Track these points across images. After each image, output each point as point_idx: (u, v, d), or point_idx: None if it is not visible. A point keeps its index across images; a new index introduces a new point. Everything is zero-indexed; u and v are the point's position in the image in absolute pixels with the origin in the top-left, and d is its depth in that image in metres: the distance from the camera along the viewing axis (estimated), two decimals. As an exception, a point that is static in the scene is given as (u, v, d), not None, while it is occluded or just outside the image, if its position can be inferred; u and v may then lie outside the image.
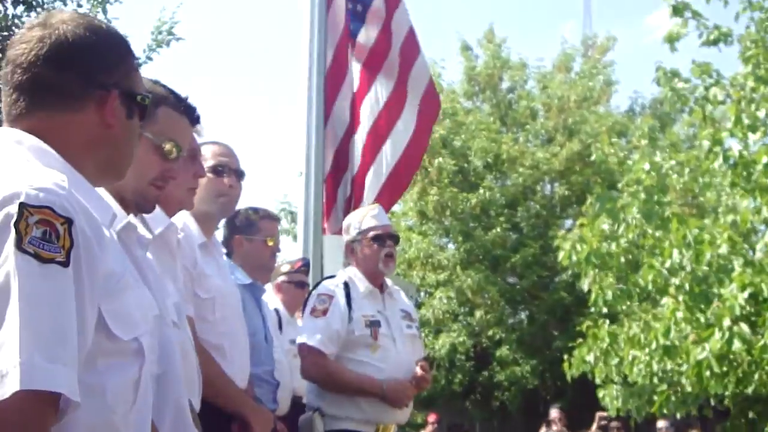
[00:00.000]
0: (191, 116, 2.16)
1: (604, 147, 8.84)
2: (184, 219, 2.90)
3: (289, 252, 17.74)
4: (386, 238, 4.22)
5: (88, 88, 1.46)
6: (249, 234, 3.91)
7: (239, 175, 3.26)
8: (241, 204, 3.60)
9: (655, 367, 7.46)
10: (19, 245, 1.22)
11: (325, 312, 3.97)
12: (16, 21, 9.37)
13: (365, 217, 4.28)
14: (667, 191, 9.20)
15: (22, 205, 1.23)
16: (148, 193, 1.99)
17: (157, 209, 2.29)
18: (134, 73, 1.56)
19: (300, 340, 3.98)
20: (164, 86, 2.17)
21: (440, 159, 16.10)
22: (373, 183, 7.46)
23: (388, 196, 7.64)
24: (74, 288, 1.27)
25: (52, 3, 9.50)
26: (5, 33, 9.08)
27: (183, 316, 2.22)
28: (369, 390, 3.90)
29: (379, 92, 7.70)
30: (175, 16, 10.20)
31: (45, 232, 1.25)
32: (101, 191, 1.90)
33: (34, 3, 9.41)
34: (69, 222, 1.27)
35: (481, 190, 16.25)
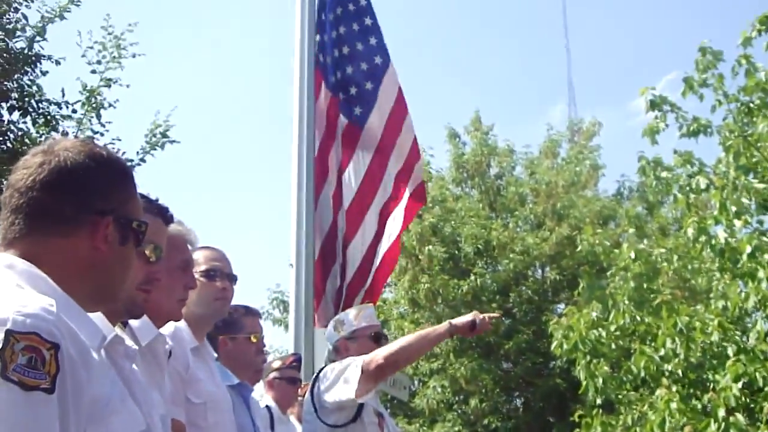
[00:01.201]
0: (164, 216, 2.21)
1: (588, 237, 8.95)
2: (176, 323, 2.92)
3: (282, 342, 17.56)
4: (381, 337, 4.33)
5: (82, 213, 1.49)
6: (232, 332, 3.90)
7: (231, 278, 3.31)
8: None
9: (651, 460, 7.37)
10: (3, 373, 1.23)
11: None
12: (11, 126, 9.54)
13: (359, 315, 4.36)
14: (657, 276, 9.26)
15: (8, 333, 1.25)
16: (135, 298, 2.01)
17: (146, 319, 2.31)
18: (132, 200, 1.59)
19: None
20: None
21: (431, 246, 16.16)
22: (360, 273, 7.51)
23: (377, 286, 7.69)
24: (59, 414, 1.28)
25: (47, 108, 9.70)
26: (1, 138, 9.23)
27: (168, 428, 2.21)
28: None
29: (353, 177, 7.81)
30: (169, 119, 10.42)
31: (31, 359, 1.26)
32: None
33: (30, 109, 9.60)
34: (56, 347, 1.29)
35: (473, 277, 16.26)
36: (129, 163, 10.15)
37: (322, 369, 4.30)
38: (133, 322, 2.29)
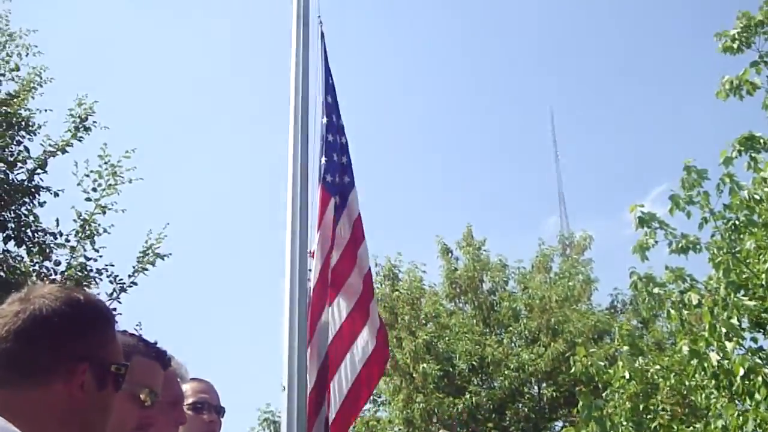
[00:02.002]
0: (162, 361, 2.18)
1: (581, 358, 8.87)
2: None
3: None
4: None
5: (57, 361, 1.45)
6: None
7: (219, 411, 3.27)
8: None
9: None
10: None
11: None
12: (6, 255, 9.59)
13: None
14: (655, 394, 9.12)
15: None
16: None
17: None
18: (110, 343, 1.55)
19: None
20: (133, 335, 2.21)
21: (425, 365, 15.96)
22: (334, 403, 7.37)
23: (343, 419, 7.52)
24: None
25: (42, 237, 9.78)
26: None
27: None
28: None
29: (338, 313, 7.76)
30: (161, 236, 10.49)
31: None
32: None
33: (25, 238, 9.68)
34: None
35: (468, 395, 15.97)
36: (120, 285, 10.24)
37: None
38: None
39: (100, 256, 10.33)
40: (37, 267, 9.69)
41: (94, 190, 10.47)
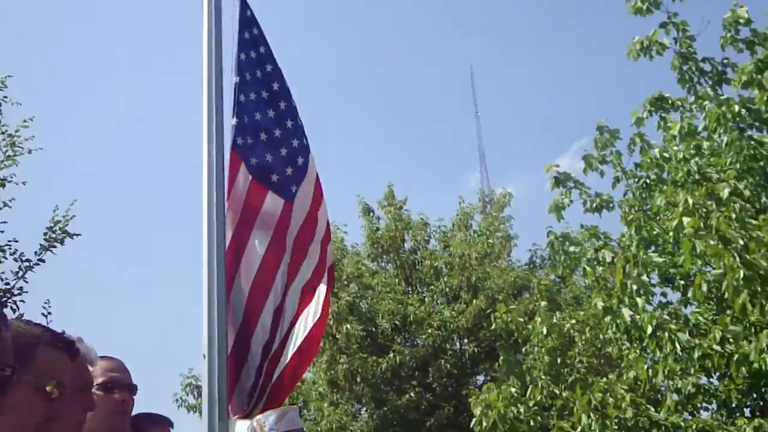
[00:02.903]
0: (70, 351, 2.08)
1: (501, 314, 9.05)
2: None
3: (196, 430, 16.96)
4: None
5: None
6: (140, 444, 3.74)
7: (131, 389, 3.18)
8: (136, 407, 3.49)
9: None
10: None
11: None
12: None
13: (281, 419, 4.28)
14: (572, 347, 9.40)
15: None
16: None
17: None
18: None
19: None
20: (39, 325, 2.12)
21: (348, 325, 16.04)
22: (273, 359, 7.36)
23: (292, 374, 7.53)
24: None
25: None
26: None
27: None
28: None
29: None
30: (69, 213, 10.14)
31: None
32: None
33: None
34: None
35: (391, 354, 16.16)
36: (26, 263, 9.88)
37: None
38: None
39: (2, 232, 9.96)
40: None
41: (-9, 163, 10.06)
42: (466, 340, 17.60)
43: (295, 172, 7.62)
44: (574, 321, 9.28)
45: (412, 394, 15.81)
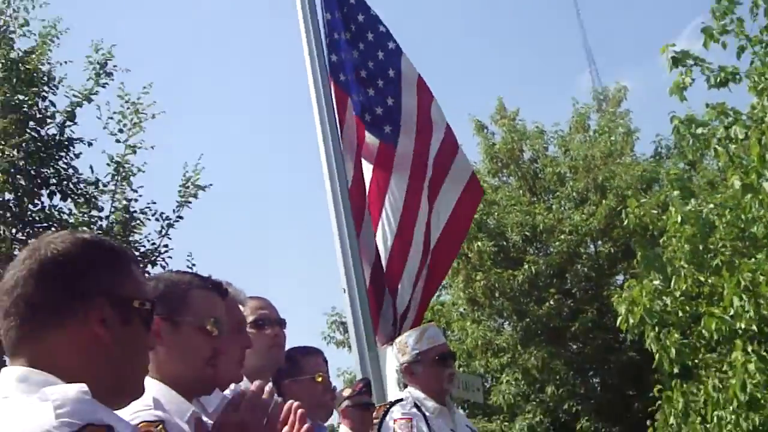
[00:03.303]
0: (220, 290, 2.22)
1: (633, 209, 8.76)
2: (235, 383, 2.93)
3: (348, 363, 17.60)
4: (447, 357, 4.29)
5: (70, 300, 1.43)
6: (294, 375, 3.88)
7: (281, 323, 3.31)
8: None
9: (743, 424, 7.16)
10: None
11: None
12: (54, 211, 9.73)
13: (423, 337, 4.33)
14: (713, 233, 9.04)
15: (82, 430, 1.21)
16: (205, 375, 2.07)
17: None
18: (128, 278, 1.52)
19: None
20: (187, 272, 2.25)
21: (479, 243, 16.05)
22: (407, 286, 7.49)
23: (427, 292, 7.65)
24: None
25: (85, 189, 9.88)
26: (45, 224, 9.42)
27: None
28: None
29: (397, 193, 7.80)
30: (198, 167, 10.54)
31: None
32: (165, 389, 1.95)
33: (68, 191, 9.80)
34: (109, 428, 1.26)
35: (526, 265, 16.09)
36: (167, 221, 10.38)
37: (391, 408, 4.25)
38: None
39: (140, 196, 10.47)
40: (86, 218, 9.85)
41: (121, 131, 10.51)
42: (599, 242, 17.30)
43: (386, 110, 7.61)
44: (712, 205, 8.91)
45: (552, 302, 15.75)
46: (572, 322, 15.86)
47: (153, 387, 1.98)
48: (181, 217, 10.49)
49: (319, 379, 3.89)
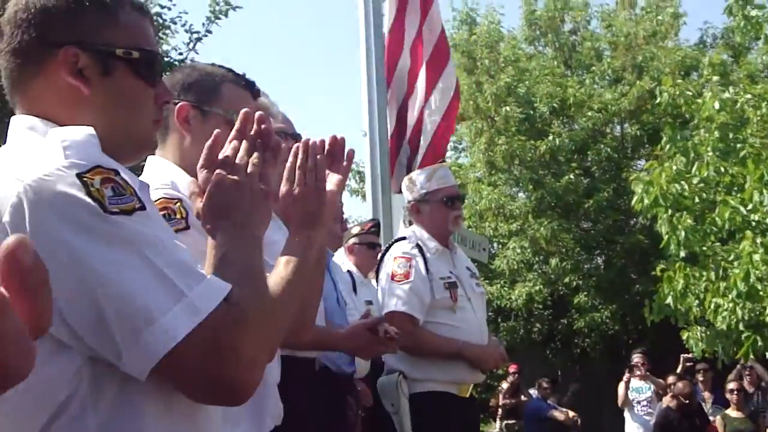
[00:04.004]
0: (252, 89, 2.18)
1: (668, 88, 8.54)
2: None
3: (360, 212, 17.86)
4: (455, 199, 4.25)
5: (43, 48, 1.38)
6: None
7: (296, 138, 3.31)
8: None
9: (739, 313, 7.27)
10: (106, 212, 1.20)
11: (407, 276, 4.00)
12: None
13: (432, 177, 4.28)
14: (744, 126, 8.87)
15: (78, 176, 1.21)
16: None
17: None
18: (113, 27, 1.43)
19: (388, 308, 4.00)
20: (223, 66, 2.22)
21: (506, 108, 15.87)
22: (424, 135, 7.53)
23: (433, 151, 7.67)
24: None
25: None
26: None
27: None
28: (454, 352, 3.96)
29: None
30: None
31: (114, 189, 1.24)
32: (185, 176, 1.96)
33: None
34: (115, 171, 1.27)
35: (550, 137, 15.98)
36: (195, 35, 10.34)
37: (392, 245, 4.29)
38: None
39: (174, 5, 10.37)
40: None
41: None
42: (627, 124, 17.08)
43: None
44: (749, 96, 8.70)
45: (570, 177, 15.74)
46: (587, 199, 15.91)
47: (173, 171, 2.01)
48: (210, 32, 10.41)
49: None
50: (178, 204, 1.85)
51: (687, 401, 8.63)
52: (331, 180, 1.86)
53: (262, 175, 1.50)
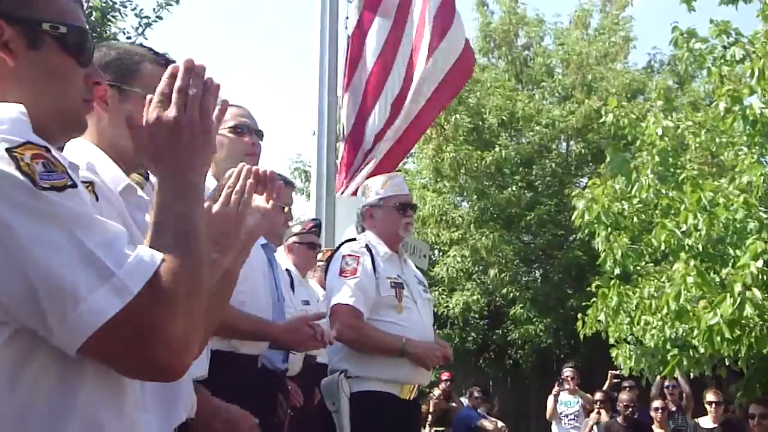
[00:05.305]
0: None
1: (613, 110, 8.73)
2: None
3: (304, 211, 17.83)
4: (408, 207, 4.33)
5: None
6: (262, 196, 3.91)
7: (259, 134, 3.30)
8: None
9: (667, 332, 7.45)
10: (36, 188, 1.19)
11: (353, 272, 4.05)
12: None
13: (387, 184, 4.36)
14: (684, 152, 9.11)
15: (7, 150, 1.20)
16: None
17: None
18: (38, 2, 1.43)
19: (334, 301, 4.03)
20: (142, 45, 2.19)
21: (456, 116, 16.01)
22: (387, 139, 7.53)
23: (394, 157, 7.71)
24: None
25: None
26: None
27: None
28: (397, 348, 3.99)
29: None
30: None
31: (44, 165, 1.23)
32: (103, 157, 1.92)
33: None
34: (46, 148, 1.26)
35: (497, 149, 16.17)
36: (145, 20, 10.17)
37: (341, 246, 4.32)
38: None
39: None
40: None
41: None
42: (573, 141, 17.39)
43: None
44: (690, 123, 8.92)
45: (513, 189, 15.95)
46: (529, 212, 16.13)
47: (90, 152, 1.94)
48: (160, 18, 10.24)
49: (286, 210, 3.94)
50: (90, 188, 1.76)
51: (631, 412, 8.77)
52: (256, 211, 1.88)
53: (202, 110, 1.45)
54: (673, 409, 9.43)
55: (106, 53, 2.02)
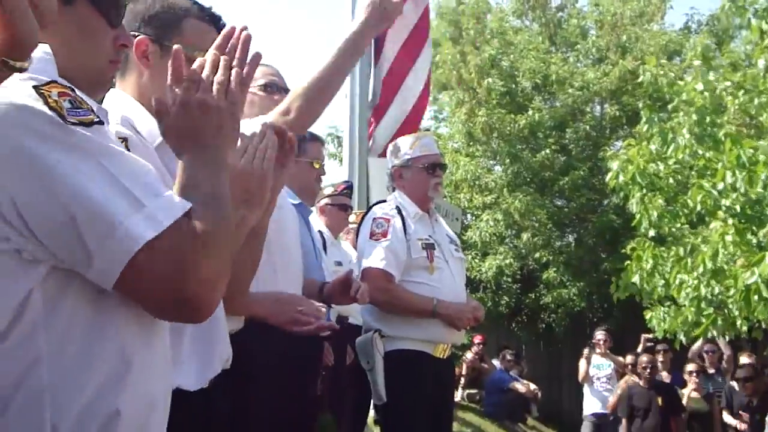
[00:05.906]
0: (217, 25, 2.07)
1: (651, 68, 8.55)
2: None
3: (337, 175, 17.84)
4: (437, 167, 4.32)
5: None
6: (296, 155, 3.90)
7: (287, 92, 3.29)
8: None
9: (703, 291, 7.36)
10: (66, 123, 1.22)
11: (384, 234, 4.06)
12: None
13: (416, 144, 4.35)
14: (722, 112, 8.93)
15: (35, 88, 1.23)
16: None
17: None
18: None
19: (365, 264, 4.05)
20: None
21: (489, 79, 15.84)
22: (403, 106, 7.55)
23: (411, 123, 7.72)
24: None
25: None
26: None
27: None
28: (428, 310, 4.00)
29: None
30: None
31: (71, 102, 1.26)
32: (142, 111, 1.93)
33: None
34: (72, 89, 1.29)
35: (530, 112, 15.99)
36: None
37: (372, 208, 4.33)
38: None
39: None
40: None
41: None
42: (607, 104, 17.13)
43: None
44: (728, 83, 8.74)
45: (547, 152, 15.80)
46: (562, 176, 15.97)
47: (128, 105, 1.94)
48: None
49: (317, 166, 3.93)
50: (124, 144, 1.79)
51: (651, 374, 8.74)
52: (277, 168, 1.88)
53: (230, 94, 1.48)
54: (712, 371, 9.36)
55: (151, 6, 1.99)
